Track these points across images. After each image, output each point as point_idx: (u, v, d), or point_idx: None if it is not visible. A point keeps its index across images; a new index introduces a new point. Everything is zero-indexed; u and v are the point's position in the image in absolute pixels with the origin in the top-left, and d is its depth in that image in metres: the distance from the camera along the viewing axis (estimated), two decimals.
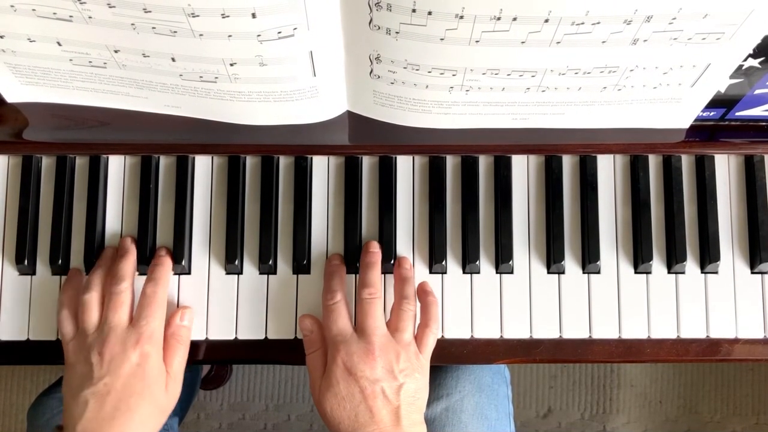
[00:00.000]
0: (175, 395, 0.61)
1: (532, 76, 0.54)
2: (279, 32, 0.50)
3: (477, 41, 0.49)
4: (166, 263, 0.64)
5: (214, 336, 0.66)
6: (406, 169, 0.68)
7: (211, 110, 0.62)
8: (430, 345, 0.62)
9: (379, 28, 0.49)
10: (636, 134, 0.64)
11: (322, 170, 0.68)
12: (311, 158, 0.68)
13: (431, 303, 0.64)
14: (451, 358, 0.67)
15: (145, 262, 0.65)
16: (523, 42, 0.49)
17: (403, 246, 0.67)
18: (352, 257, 0.66)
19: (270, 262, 0.66)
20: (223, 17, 0.48)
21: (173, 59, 0.54)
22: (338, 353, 0.58)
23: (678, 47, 0.51)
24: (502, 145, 0.67)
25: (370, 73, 0.56)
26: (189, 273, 0.67)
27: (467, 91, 0.57)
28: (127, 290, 0.61)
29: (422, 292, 0.65)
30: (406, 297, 0.62)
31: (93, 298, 0.61)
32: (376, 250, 0.65)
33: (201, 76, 0.56)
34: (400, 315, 0.61)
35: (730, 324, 0.66)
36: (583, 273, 0.67)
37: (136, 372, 0.57)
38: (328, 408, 0.58)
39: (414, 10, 0.47)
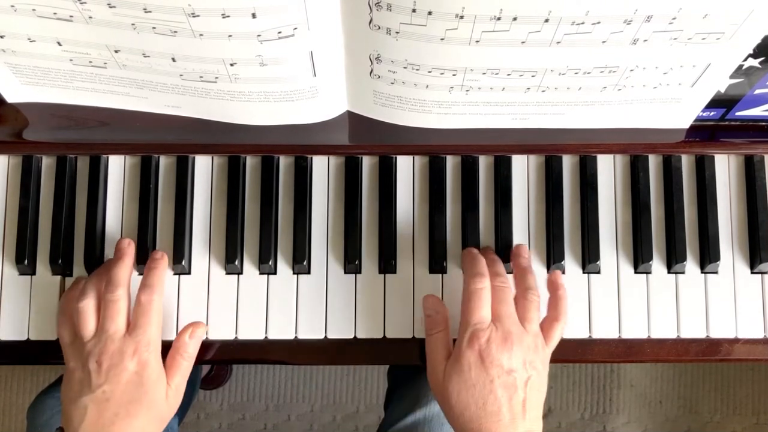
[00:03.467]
0: (176, 405, 0.61)
1: (532, 76, 0.54)
2: (279, 32, 0.50)
3: (477, 41, 0.49)
4: (161, 267, 0.63)
5: (213, 336, 0.66)
6: (406, 169, 0.68)
7: (211, 110, 0.62)
8: (556, 338, 0.61)
9: (379, 28, 0.50)
10: (636, 134, 0.64)
11: (322, 170, 0.68)
12: (311, 158, 0.68)
13: (561, 297, 0.63)
14: None
15: (143, 261, 0.65)
16: (523, 42, 0.49)
17: (403, 246, 0.67)
18: (351, 257, 0.66)
19: (270, 263, 0.66)
20: (223, 17, 0.48)
21: (173, 59, 0.54)
22: (477, 339, 0.57)
23: (678, 47, 0.51)
24: (502, 145, 0.67)
25: (370, 73, 0.56)
26: (189, 273, 0.67)
27: (467, 91, 0.57)
28: (122, 298, 0.60)
29: (553, 285, 0.64)
30: (529, 287, 0.61)
31: (88, 306, 0.60)
32: (493, 255, 0.65)
33: (201, 76, 0.56)
34: (526, 305, 0.60)
35: (730, 324, 0.66)
36: (583, 273, 0.67)
37: (134, 380, 0.57)
38: (455, 392, 0.56)
39: (414, 10, 0.47)
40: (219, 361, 0.86)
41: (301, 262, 0.66)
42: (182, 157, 0.67)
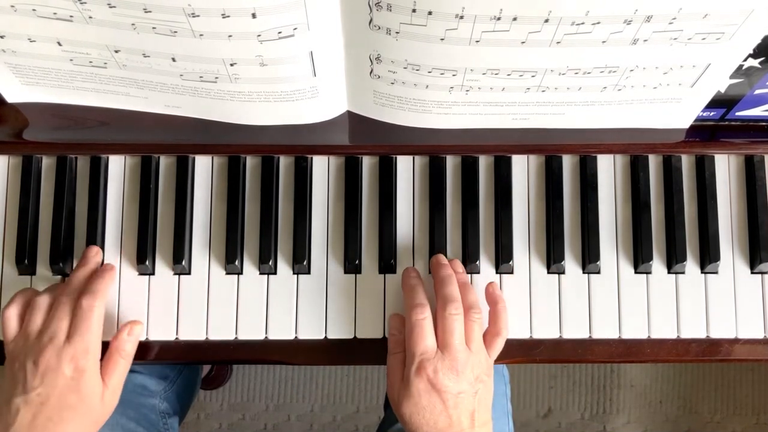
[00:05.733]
0: (112, 406, 0.61)
1: (532, 76, 0.54)
2: (279, 32, 0.50)
3: (477, 41, 0.49)
4: (109, 276, 0.63)
5: (214, 336, 0.66)
6: (406, 169, 0.68)
7: (211, 110, 0.62)
8: (498, 350, 0.63)
9: (379, 28, 0.50)
10: (636, 134, 0.64)
11: (322, 170, 0.68)
12: (311, 158, 0.68)
13: (501, 310, 0.63)
14: None
15: (143, 261, 0.65)
16: (523, 42, 0.49)
17: (403, 246, 0.67)
18: (351, 257, 0.66)
19: (270, 263, 0.66)
20: (224, 17, 0.48)
21: (173, 59, 0.54)
22: (423, 370, 0.58)
23: (678, 47, 0.51)
24: (502, 145, 0.67)
25: (370, 73, 0.56)
26: (189, 273, 0.67)
27: (467, 91, 0.57)
28: (72, 302, 0.60)
29: (492, 298, 0.64)
30: (471, 305, 0.61)
31: (43, 303, 0.60)
32: (445, 262, 0.65)
33: (201, 76, 0.56)
34: (470, 325, 0.61)
35: (730, 324, 0.66)
36: (583, 273, 0.67)
37: (70, 385, 0.57)
38: (407, 414, 0.58)
39: (414, 10, 0.47)
40: (219, 362, 0.86)
41: (301, 262, 0.66)
42: (182, 157, 0.67)
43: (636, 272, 0.67)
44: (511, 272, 0.67)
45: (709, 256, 0.66)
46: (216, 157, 0.68)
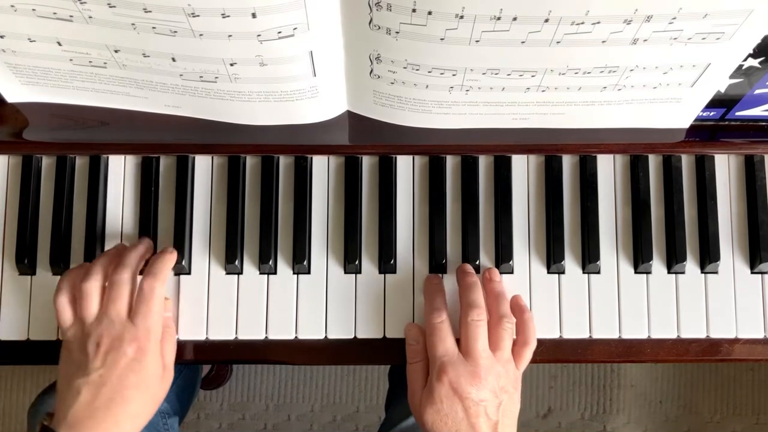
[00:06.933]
0: (169, 384, 0.61)
1: (532, 76, 0.54)
2: (279, 32, 0.50)
3: (477, 41, 0.49)
4: (169, 259, 0.63)
5: (214, 336, 0.66)
6: (406, 169, 0.68)
7: (211, 110, 0.62)
8: (526, 360, 0.63)
9: (379, 28, 0.50)
10: (636, 134, 0.64)
11: (322, 170, 0.68)
12: (311, 158, 0.68)
13: (528, 320, 0.63)
14: None
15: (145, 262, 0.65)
16: (523, 42, 0.49)
17: (403, 246, 0.67)
18: (351, 257, 0.66)
19: (270, 263, 0.66)
20: (223, 17, 0.48)
21: (173, 59, 0.54)
22: (445, 374, 0.58)
23: (678, 47, 0.51)
24: (502, 145, 0.67)
25: (370, 73, 0.56)
26: (189, 273, 0.67)
27: (467, 91, 0.57)
28: (129, 281, 0.60)
29: (518, 309, 0.64)
30: (504, 315, 0.62)
31: (93, 288, 0.59)
32: (471, 270, 0.65)
33: (201, 76, 0.56)
34: (501, 334, 0.61)
35: (730, 324, 0.66)
36: (583, 273, 0.67)
37: (132, 366, 0.57)
38: (429, 421, 0.58)
39: (414, 10, 0.47)
40: (219, 361, 0.86)
41: (301, 262, 0.66)
42: (182, 157, 0.67)
43: (636, 272, 0.67)
44: (511, 272, 0.67)
45: (709, 256, 0.66)
46: (216, 157, 0.68)
